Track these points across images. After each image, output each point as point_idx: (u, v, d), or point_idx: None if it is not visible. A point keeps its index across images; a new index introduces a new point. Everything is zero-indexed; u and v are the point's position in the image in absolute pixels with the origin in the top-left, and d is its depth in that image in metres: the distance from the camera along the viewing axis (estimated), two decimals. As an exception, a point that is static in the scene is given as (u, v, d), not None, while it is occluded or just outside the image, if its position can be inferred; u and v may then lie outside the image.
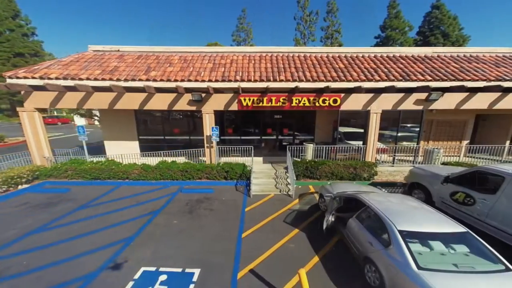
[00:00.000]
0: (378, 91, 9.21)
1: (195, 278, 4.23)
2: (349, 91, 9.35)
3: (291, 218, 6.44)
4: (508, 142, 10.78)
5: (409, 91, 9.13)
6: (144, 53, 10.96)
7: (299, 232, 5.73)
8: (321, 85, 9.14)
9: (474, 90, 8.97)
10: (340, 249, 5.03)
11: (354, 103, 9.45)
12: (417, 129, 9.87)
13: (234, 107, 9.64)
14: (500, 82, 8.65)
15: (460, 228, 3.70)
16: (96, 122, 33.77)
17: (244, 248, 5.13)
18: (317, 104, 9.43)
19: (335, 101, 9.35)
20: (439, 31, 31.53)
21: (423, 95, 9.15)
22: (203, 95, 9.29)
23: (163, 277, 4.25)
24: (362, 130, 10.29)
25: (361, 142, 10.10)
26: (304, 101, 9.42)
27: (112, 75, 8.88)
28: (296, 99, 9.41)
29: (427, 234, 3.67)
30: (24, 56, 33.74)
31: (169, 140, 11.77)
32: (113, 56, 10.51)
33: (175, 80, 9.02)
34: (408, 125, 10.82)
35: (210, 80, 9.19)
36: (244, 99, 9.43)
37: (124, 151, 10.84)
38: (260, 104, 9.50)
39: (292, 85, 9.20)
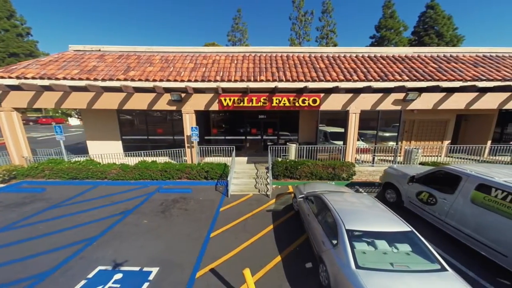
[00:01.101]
0: (356, 91, 9.23)
1: (151, 277, 4.24)
2: (328, 91, 9.37)
3: (263, 218, 6.45)
4: (489, 142, 10.79)
5: (387, 91, 9.15)
6: (126, 53, 10.95)
7: (268, 232, 5.73)
8: (300, 85, 9.16)
9: (450, 90, 8.99)
10: (304, 249, 5.03)
11: (334, 103, 9.46)
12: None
13: (215, 107, 9.65)
14: (475, 82, 8.66)
15: (405, 227, 3.71)
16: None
17: (210, 247, 5.14)
18: (297, 104, 9.45)
19: (314, 101, 9.37)
20: (433, 31, 31.52)
21: (401, 95, 9.16)
22: (183, 95, 9.31)
23: (118, 276, 4.25)
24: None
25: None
26: (284, 101, 9.44)
27: (90, 75, 8.88)
28: (276, 99, 9.44)
29: (374, 233, 3.69)
30: (19, 56, 33.76)
31: (153, 140, 11.75)
32: (93, 56, 10.51)
33: (154, 80, 9.01)
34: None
35: (189, 80, 9.19)
36: (225, 99, 9.44)
37: (107, 151, 10.81)
38: (241, 104, 9.51)
39: (272, 85, 9.21)
